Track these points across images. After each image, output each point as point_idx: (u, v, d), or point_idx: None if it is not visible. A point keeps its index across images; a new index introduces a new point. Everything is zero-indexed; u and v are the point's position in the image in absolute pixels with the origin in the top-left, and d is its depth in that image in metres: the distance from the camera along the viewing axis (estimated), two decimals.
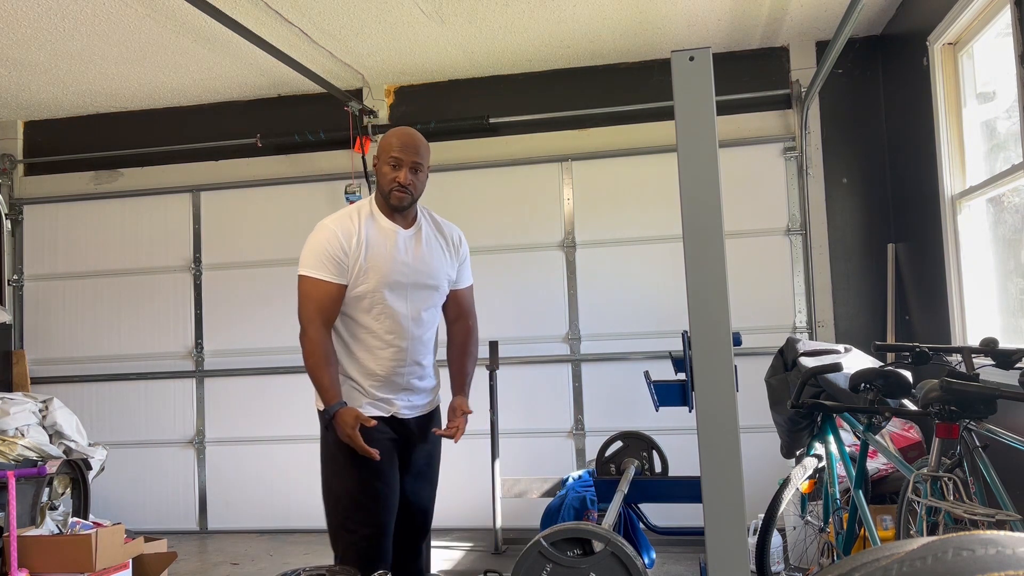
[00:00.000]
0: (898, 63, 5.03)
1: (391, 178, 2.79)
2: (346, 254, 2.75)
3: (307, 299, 2.75)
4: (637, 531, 3.54)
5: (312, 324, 2.73)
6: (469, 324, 3.07)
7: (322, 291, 2.74)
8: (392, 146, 2.80)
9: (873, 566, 0.84)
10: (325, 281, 2.74)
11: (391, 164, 2.79)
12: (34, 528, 4.29)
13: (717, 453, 1.57)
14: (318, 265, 2.74)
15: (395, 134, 2.85)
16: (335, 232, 2.77)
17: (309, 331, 2.73)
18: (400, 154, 2.79)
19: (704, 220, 1.58)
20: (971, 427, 2.63)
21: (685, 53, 1.61)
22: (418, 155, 2.82)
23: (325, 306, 2.75)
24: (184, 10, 4.50)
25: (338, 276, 2.76)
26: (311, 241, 2.79)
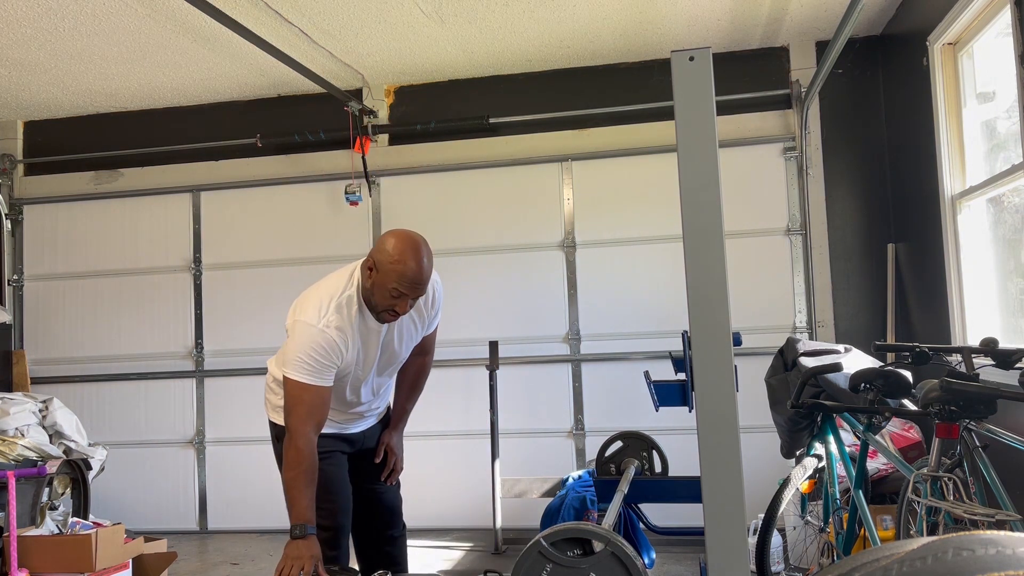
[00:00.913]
0: (898, 63, 5.04)
1: (389, 305, 2.62)
2: (341, 359, 2.66)
3: (299, 404, 2.59)
4: (637, 531, 3.54)
5: (302, 433, 2.57)
6: (425, 360, 3.11)
7: (315, 396, 2.61)
8: (403, 278, 2.57)
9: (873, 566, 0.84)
10: (318, 387, 2.61)
11: (393, 294, 2.60)
12: (34, 528, 4.29)
13: (717, 453, 1.57)
14: (314, 374, 2.59)
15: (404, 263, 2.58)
16: (334, 341, 2.61)
17: (298, 441, 2.56)
18: (408, 291, 2.61)
19: (704, 220, 1.58)
20: (971, 427, 2.63)
21: (685, 53, 1.61)
22: (424, 287, 2.66)
23: (317, 410, 2.64)
24: (184, 10, 4.50)
25: (329, 380, 2.66)
26: (306, 344, 2.59)
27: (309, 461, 2.57)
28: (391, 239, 2.63)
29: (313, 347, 2.58)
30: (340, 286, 2.69)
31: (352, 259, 6.25)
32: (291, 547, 2.52)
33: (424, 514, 5.66)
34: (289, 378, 2.60)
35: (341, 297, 2.65)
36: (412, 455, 5.72)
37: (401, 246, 2.60)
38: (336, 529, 2.86)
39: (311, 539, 2.53)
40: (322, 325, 2.60)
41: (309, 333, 2.60)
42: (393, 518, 3.15)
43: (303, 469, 2.56)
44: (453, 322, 5.72)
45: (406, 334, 2.86)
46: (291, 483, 2.57)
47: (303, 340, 2.60)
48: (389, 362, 2.88)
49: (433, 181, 5.86)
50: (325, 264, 5.88)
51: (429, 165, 5.83)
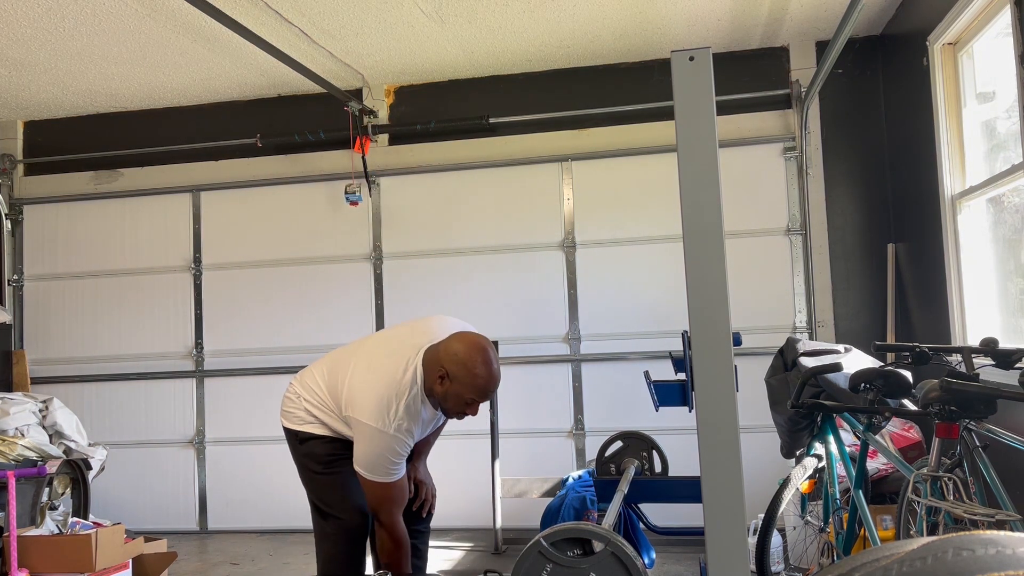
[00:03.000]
0: (898, 63, 5.04)
1: (461, 410, 2.77)
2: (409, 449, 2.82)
3: (386, 501, 2.78)
4: (637, 531, 3.54)
5: (395, 523, 2.82)
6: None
7: (398, 490, 2.81)
8: (479, 390, 2.72)
9: (873, 566, 0.84)
10: (399, 482, 2.79)
11: (468, 402, 2.74)
12: (34, 528, 4.29)
13: (717, 453, 1.57)
14: (394, 474, 2.75)
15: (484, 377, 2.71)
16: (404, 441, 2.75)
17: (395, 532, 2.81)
18: (482, 398, 2.76)
19: (704, 220, 1.58)
20: (971, 427, 2.63)
21: (685, 53, 1.61)
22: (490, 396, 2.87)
23: (401, 499, 2.86)
24: (184, 10, 4.50)
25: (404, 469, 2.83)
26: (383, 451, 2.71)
27: (406, 547, 2.85)
28: (461, 347, 2.71)
29: (389, 453, 2.70)
30: (405, 384, 2.73)
31: (352, 259, 6.29)
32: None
33: None
34: (371, 481, 2.74)
35: (408, 397, 2.72)
36: None
37: (475, 357, 2.68)
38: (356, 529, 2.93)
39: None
40: (394, 430, 2.68)
41: (383, 440, 2.69)
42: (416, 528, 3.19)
43: (404, 552, 2.84)
44: None
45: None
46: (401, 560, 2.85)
47: (379, 447, 2.70)
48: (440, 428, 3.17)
49: (433, 181, 5.86)
50: (325, 264, 5.91)
51: (429, 165, 5.83)
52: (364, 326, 5.81)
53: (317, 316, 5.90)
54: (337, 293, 5.89)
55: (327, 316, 5.89)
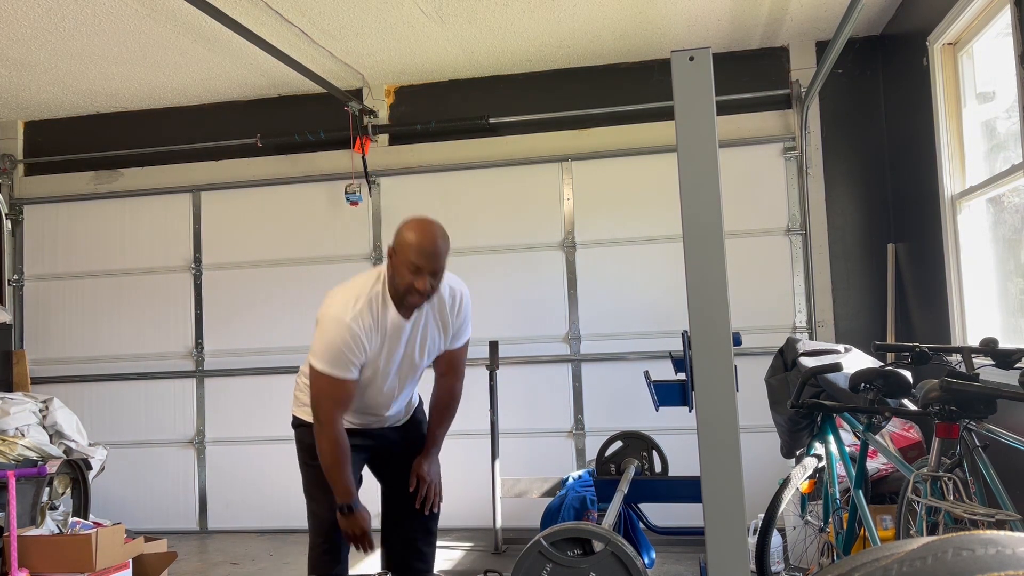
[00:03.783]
0: (898, 63, 5.04)
1: (408, 283, 2.63)
2: (365, 354, 2.71)
3: (326, 398, 2.70)
4: (637, 531, 3.54)
5: (332, 423, 2.70)
6: (454, 384, 3.04)
7: (341, 390, 2.70)
8: (412, 250, 2.62)
9: (873, 566, 0.84)
10: (344, 380, 2.69)
11: (410, 269, 2.62)
12: (34, 528, 4.29)
13: (717, 453, 1.57)
14: (339, 367, 2.67)
15: (418, 234, 2.66)
16: (357, 334, 2.67)
17: (328, 431, 2.70)
18: (421, 262, 2.62)
19: (704, 220, 1.58)
20: (971, 427, 2.63)
21: (685, 53, 1.61)
22: (440, 261, 2.66)
23: (343, 402, 2.74)
24: (184, 10, 4.50)
25: (356, 373, 2.72)
26: (331, 337, 2.66)
27: (342, 447, 2.72)
28: (407, 221, 2.73)
29: (342, 344, 2.65)
30: (370, 283, 2.75)
31: (352, 259, 6.28)
32: (341, 523, 2.79)
33: None
34: (316, 369, 2.68)
35: (371, 293, 2.72)
36: None
37: (416, 224, 2.70)
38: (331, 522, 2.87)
39: (356, 513, 2.76)
40: (350, 319, 2.65)
41: (337, 328, 2.66)
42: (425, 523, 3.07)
43: (337, 455, 2.71)
44: None
45: (430, 338, 2.87)
46: (330, 469, 2.72)
47: (331, 334, 2.66)
48: (411, 367, 2.88)
49: (433, 181, 5.86)
50: (325, 264, 5.90)
51: (429, 165, 5.83)
52: None
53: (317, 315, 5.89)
54: None
55: None
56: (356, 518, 2.76)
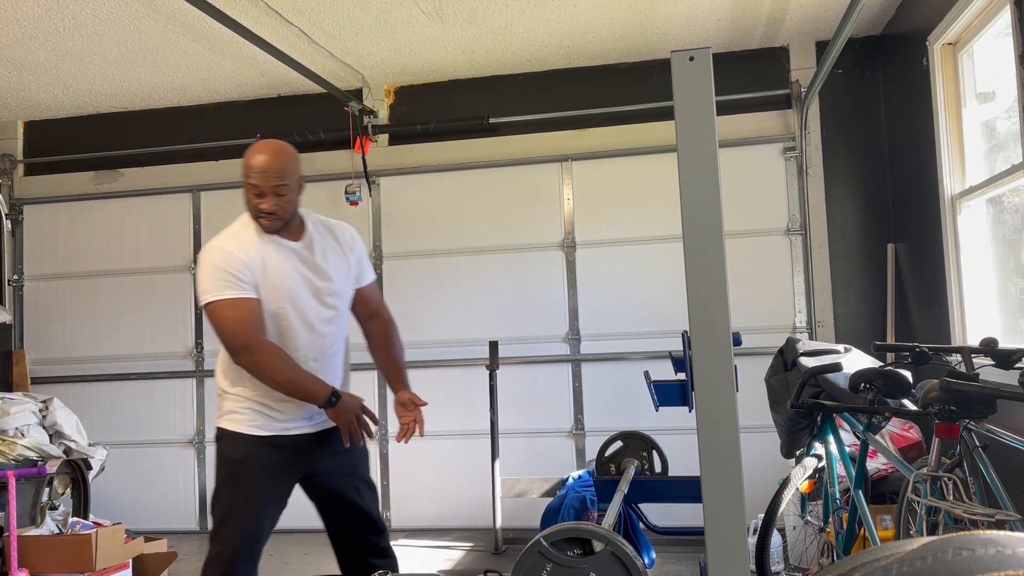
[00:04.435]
0: (898, 63, 5.04)
1: (254, 205, 2.58)
2: (249, 269, 2.56)
3: (230, 322, 2.51)
4: (637, 531, 3.54)
5: (255, 340, 2.50)
6: (385, 317, 2.90)
7: (244, 308, 2.52)
8: (251, 170, 2.57)
9: (873, 566, 0.84)
10: (241, 298, 2.52)
11: (253, 192, 2.57)
12: (34, 528, 4.29)
13: (717, 453, 1.57)
14: (226, 285, 2.52)
15: (254, 154, 2.59)
16: (229, 250, 2.57)
17: (257, 347, 2.50)
18: (259, 181, 2.55)
19: (704, 220, 1.58)
20: (971, 427, 2.64)
21: (685, 53, 1.61)
22: (280, 178, 2.56)
23: (258, 322, 2.54)
24: (184, 10, 4.50)
25: (250, 291, 2.55)
26: (206, 266, 2.57)
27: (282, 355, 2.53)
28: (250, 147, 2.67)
29: (214, 261, 2.55)
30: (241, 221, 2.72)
31: None
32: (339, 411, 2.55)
33: (424, 514, 5.67)
34: (209, 304, 2.52)
35: (234, 226, 2.70)
36: (412, 455, 5.74)
37: (254, 147, 2.63)
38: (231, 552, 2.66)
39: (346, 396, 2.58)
40: (216, 242, 2.62)
41: (207, 254, 2.60)
42: (375, 524, 2.85)
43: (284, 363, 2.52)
44: (453, 322, 5.73)
45: (333, 260, 2.74)
46: (289, 381, 2.52)
47: (205, 263, 2.59)
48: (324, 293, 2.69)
49: (433, 181, 5.86)
50: None
51: (429, 165, 5.83)
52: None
53: None
54: None
55: None
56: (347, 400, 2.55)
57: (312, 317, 2.66)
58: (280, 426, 2.65)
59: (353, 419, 2.57)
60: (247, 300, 2.53)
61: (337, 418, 2.57)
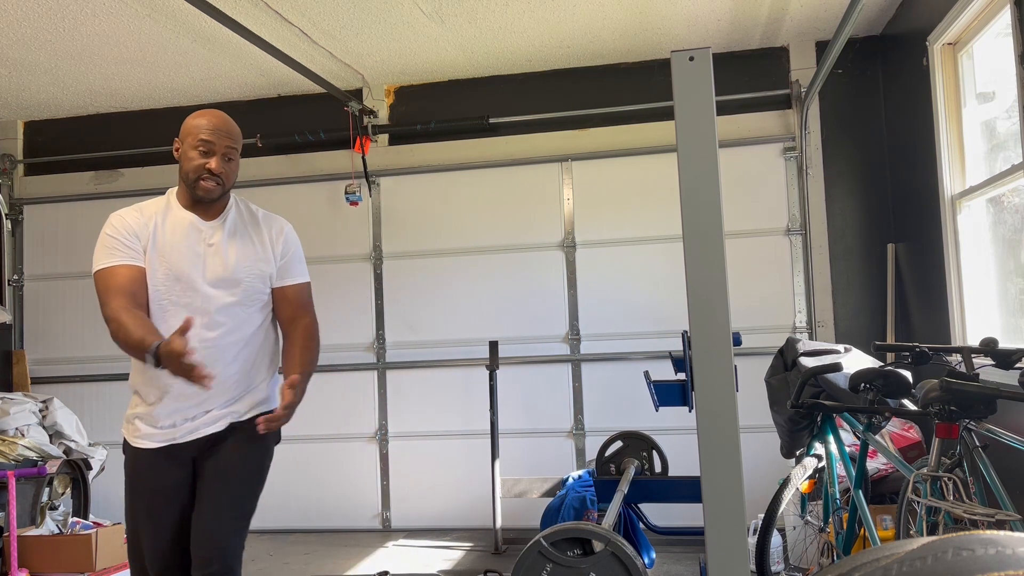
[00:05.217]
0: (898, 63, 5.04)
1: (199, 164, 2.45)
2: (136, 237, 2.44)
3: (104, 293, 2.38)
4: (637, 531, 3.54)
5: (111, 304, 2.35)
6: (307, 321, 2.69)
7: (119, 276, 2.39)
8: (201, 128, 2.49)
9: (873, 566, 0.84)
10: (119, 266, 2.40)
11: (200, 149, 2.46)
12: (34, 528, 4.29)
13: (717, 453, 1.56)
14: (108, 255, 2.41)
15: (204, 115, 2.53)
16: (120, 218, 2.48)
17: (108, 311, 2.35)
18: (212, 137, 2.47)
19: (704, 220, 1.58)
20: (971, 427, 2.64)
21: (685, 53, 1.61)
22: (232, 140, 2.51)
23: (127, 288, 2.39)
24: (184, 10, 4.50)
25: (132, 258, 2.42)
26: (99, 239, 2.47)
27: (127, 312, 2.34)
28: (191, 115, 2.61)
29: (105, 230, 2.45)
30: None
31: (352, 259, 6.31)
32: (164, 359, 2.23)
33: (424, 514, 5.67)
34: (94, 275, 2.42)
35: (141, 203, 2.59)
36: (412, 455, 5.75)
37: (201, 111, 2.59)
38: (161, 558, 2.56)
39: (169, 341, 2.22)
40: (117, 212, 2.52)
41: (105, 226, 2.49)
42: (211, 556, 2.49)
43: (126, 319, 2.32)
44: (453, 322, 5.73)
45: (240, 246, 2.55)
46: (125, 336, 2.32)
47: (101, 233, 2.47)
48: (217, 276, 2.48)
49: (433, 181, 5.85)
50: (325, 264, 5.90)
51: (429, 165, 5.83)
52: (364, 326, 5.80)
53: (317, 316, 5.89)
54: (337, 293, 5.89)
55: (327, 316, 5.85)
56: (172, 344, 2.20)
57: (198, 301, 2.46)
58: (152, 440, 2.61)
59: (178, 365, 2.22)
60: (126, 267, 2.40)
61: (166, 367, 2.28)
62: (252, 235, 2.62)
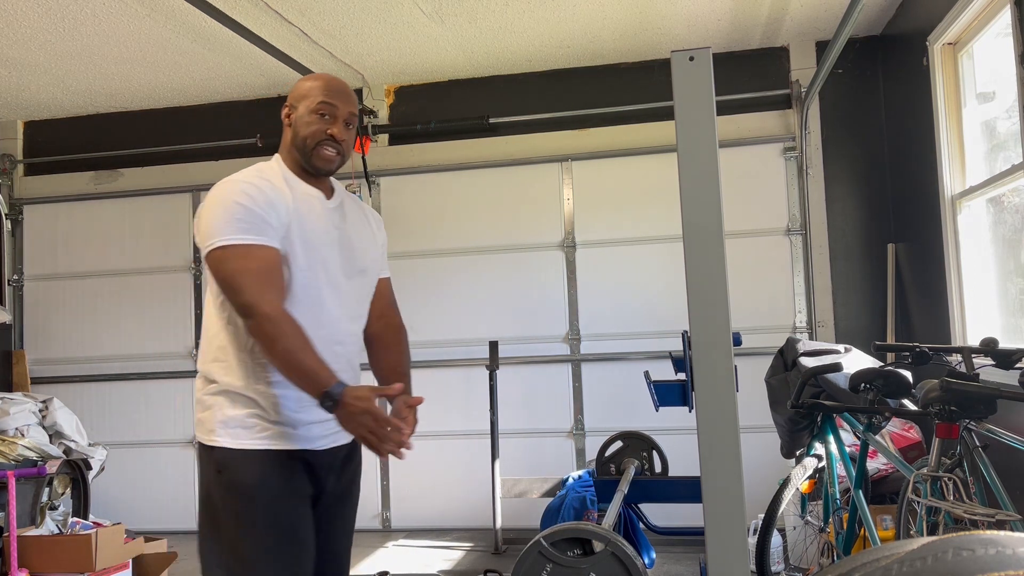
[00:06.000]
0: (898, 63, 5.04)
1: (318, 129, 2.09)
2: (276, 210, 1.99)
3: (240, 274, 1.90)
4: (637, 531, 3.54)
5: (263, 298, 1.89)
6: (398, 321, 2.40)
7: (258, 258, 1.93)
8: (321, 90, 2.11)
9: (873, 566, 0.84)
10: (257, 245, 1.93)
11: (320, 113, 2.10)
12: (34, 528, 4.29)
13: (717, 453, 1.56)
14: (239, 228, 1.93)
15: (321, 78, 2.18)
16: (252, 185, 2.01)
17: (264, 307, 1.88)
18: (334, 100, 2.11)
19: (704, 220, 1.58)
20: (971, 427, 2.64)
21: (685, 53, 1.61)
22: (353, 106, 2.16)
23: (271, 276, 1.94)
24: (184, 10, 4.50)
25: (271, 238, 1.96)
26: (218, 200, 1.99)
27: (291, 322, 1.89)
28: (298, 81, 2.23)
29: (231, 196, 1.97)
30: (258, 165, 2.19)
31: None
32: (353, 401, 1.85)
33: (424, 514, 5.67)
34: (215, 250, 1.92)
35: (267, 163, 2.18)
36: (412, 455, 5.73)
37: (313, 75, 2.22)
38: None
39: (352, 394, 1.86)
40: (239, 178, 2.05)
41: (219, 189, 2.02)
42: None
43: (294, 329, 1.89)
44: (453, 322, 5.73)
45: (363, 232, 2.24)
46: (288, 354, 1.88)
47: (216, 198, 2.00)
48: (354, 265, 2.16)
49: (433, 181, 5.85)
50: None
51: (429, 165, 5.83)
52: None
53: None
54: None
55: None
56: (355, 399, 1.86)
57: (340, 292, 2.11)
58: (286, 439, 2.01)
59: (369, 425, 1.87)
60: (265, 249, 1.94)
61: (345, 423, 1.90)
62: (365, 221, 2.29)
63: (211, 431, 1.99)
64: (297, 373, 1.89)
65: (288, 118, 2.18)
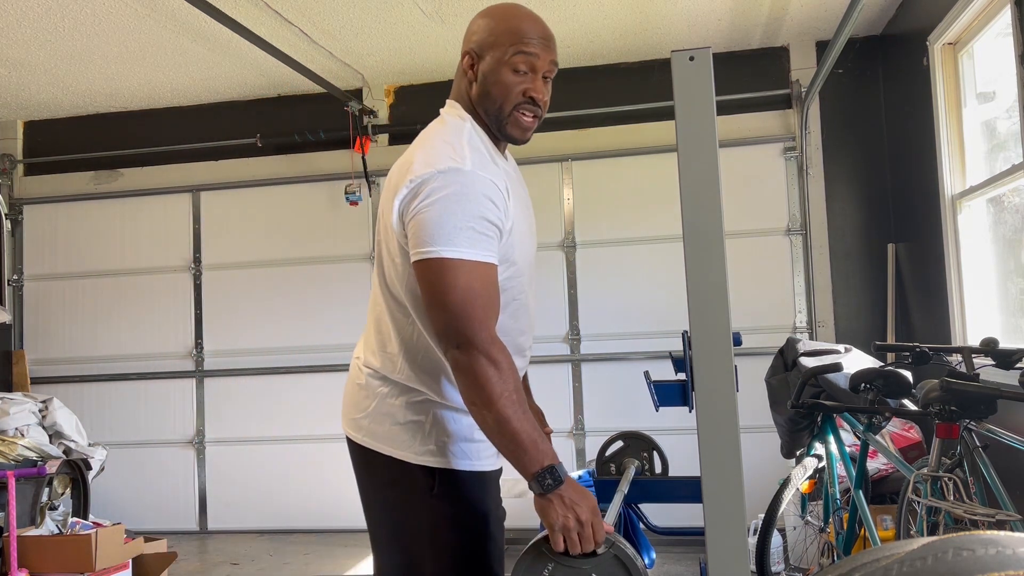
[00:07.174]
0: (898, 63, 5.03)
1: (522, 89, 1.72)
2: (508, 216, 1.67)
3: (467, 300, 1.57)
4: (637, 531, 3.53)
5: (491, 338, 1.59)
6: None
7: (488, 282, 1.62)
8: (515, 35, 1.70)
9: (873, 566, 0.84)
10: (485, 263, 1.62)
11: (523, 64, 1.71)
12: (34, 528, 4.29)
13: (717, 453, 1.56)
14: (475, 240, 1.59)
15: (510, 15, 1.75)
16: (492, 181, 1.63)
17: (491, 351, 1.57)
18: (538, 49, 1.74)
19: (704, 220, 1.58)
20: (971, 427, 2.63)
21: (685, 53, 1.61)
22: (554, 53, 1.81)
23: (494, 302, 1.65)
24: (184, 10, 4.50)
25: (495, 253, 1.65)
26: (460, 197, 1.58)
27: (514, 377, 1.60)
28: (481, 13, 1.81)
29: (484, 194, 1.60)
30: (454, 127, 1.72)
31: (352, 259, 6.30)
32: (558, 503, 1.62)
33: None
34: (444, 263, 1.57)
35: (465, 135, 1.70)
36: None
37: (500, 5, 1.78)
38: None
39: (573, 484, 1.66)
40: (471, 166, 1.61)
41: (462, 180, 1.59)
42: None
43: (515, 391, 1.59)
44: None
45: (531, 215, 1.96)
46: (503, 421, 1.57)
47: (460, 193, 1.58)
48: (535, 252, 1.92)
49: None
50: (325, 264, 5.90)
51: None
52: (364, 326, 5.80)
53: (317, 316, 5.90)
54: (337, 293, 5.89)
55: (327, 316, 5.89)
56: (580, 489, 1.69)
57: (532, 286, 1.88)
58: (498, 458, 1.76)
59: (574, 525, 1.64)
60: (491, 268, 1.63)
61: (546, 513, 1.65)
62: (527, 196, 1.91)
63: (426, 449, 1.73)
64: (511, 439, 1.60)
65: (472, 69, 1.76)
